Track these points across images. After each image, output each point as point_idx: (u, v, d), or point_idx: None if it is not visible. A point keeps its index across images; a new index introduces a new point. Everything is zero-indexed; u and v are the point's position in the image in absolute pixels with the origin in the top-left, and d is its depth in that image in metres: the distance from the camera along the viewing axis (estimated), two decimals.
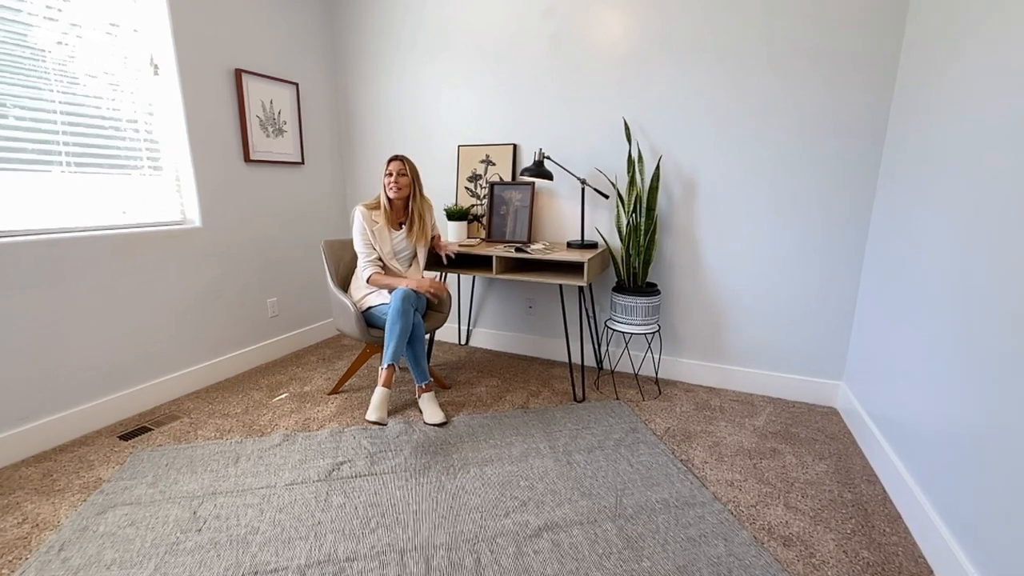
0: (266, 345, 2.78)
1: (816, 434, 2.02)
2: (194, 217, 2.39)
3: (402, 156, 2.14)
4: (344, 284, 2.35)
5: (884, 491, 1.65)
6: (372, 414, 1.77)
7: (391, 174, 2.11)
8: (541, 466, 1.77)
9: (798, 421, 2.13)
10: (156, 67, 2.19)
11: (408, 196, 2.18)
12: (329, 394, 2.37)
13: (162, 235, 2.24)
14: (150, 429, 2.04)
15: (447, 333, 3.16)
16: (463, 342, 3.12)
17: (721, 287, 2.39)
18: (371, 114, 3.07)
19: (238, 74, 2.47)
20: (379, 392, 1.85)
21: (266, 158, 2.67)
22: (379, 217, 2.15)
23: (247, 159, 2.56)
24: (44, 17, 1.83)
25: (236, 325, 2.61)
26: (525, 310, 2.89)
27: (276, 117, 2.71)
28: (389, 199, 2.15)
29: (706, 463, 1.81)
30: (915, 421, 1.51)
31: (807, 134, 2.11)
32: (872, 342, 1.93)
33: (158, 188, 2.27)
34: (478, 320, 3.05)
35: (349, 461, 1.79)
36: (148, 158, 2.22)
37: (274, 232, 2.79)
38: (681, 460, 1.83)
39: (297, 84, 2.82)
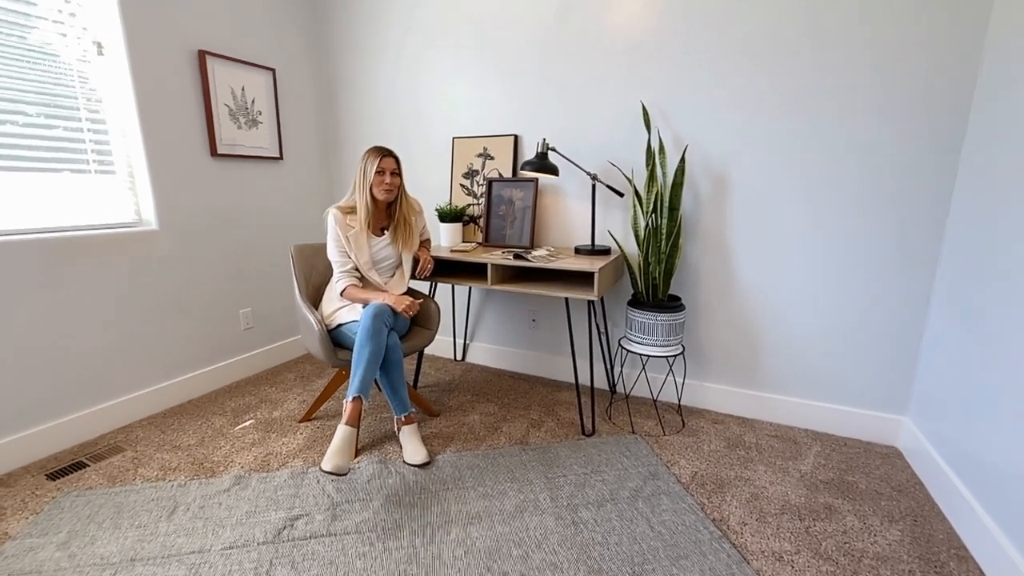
0: (237, 361, 2.49)
1: (879, 484, 1.65)
2: (150, 218, 2.10)
3: (391, 150, 1.82)
4: (317, 296, 2.04)
5: (981, 574, 1.28)
6: (328, 462, 1.44)
7: (382, 172, 1.79)
8: (540, 526, 1.44)
9: (854, 465, 1.76)
10: (99, 45, 1.90)
11: (396, 197, 1.87)
12: (300, 421, 2.07)
13: (110, 239, 1.95)
14: (85, 465, 1.76)
15: (441, 347, 2.84)
16: (458, 358, 2.80)
17: (756, 301, 2.03)
18: (359, 103, 2.76)
19: (201, 56, 2.17)
20: (341, 433, 1.52)
21: (237, 152, 2.38)
22: (355, 221, 1.82)
23: (214, 153, 2.27)
24: None
25: (202, 340, 2.32)
26: (528, 324, 2.56)
27: (249, 106, 2.42)
28: (373, 200, 1.83)
29: (745, 524, 1.46)
30: (1019, 474, 1.14)
31: (865, 122, 1.74)
32: (950, 369, 1.55)
33: (107, 185, 1.99)
34: (475, 334, 2.73)
35: (306, 515, 1.48)
36: (94, 151, 1.94)
37: (248, 235, 2.50)
38: (713, 520, 1.47)
39: (274, 70, 2.52)
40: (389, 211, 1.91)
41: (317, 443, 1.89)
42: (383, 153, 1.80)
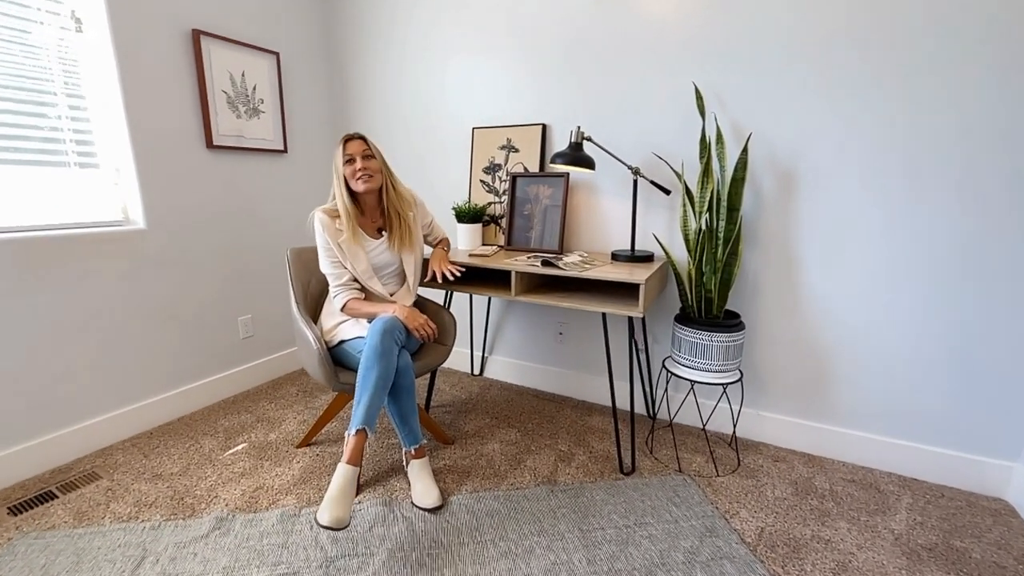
0: (234, 374, 2.27)
1: (999, 554, 1.32)
2: (138, 216, 1.89)
3: (356, 132, 1.56)
4: (316, 307, 1.80)
5: None
6: (325, 512, 1.18)
7: (351, 160, 1.53)
8: None
9: (959, 525, 1.43)
10: (78, 21, 1.69)
11: (380, 188, 1.60)
12: (298, 447, 1.83)
13: (92, 239, 1.74)
14: (54, 497, 1.55)
15: (457, 360, 2.58)
16: (476, 372, 2.53)
17: (829, 319, 1.71)
18: (370, 90, 2.52)
19: (196, 36, 1.95)
20: (341, 474, 1.27)
21: (236, 144, 2.16)
22: (344, 225, 1.56)
23: (210, 144, 2.05)
24: None
25: (195, 351, 2.11)
26: (554, 337, 2.28)
27: (250, 94, 2.20)
28: (352, 195, 1.58)
29: None
30: None
31: (978, 100, 1.41)
32: None
33: (89, 180, 1.78)
34: (495, 346, 2.46)
35: (294, 574, 1.23)
36: (74, 141, 1.74)
37: (248, 235, 2.28)
38: None
39: (278, 54, 2.29)
40: (382, 206, 1.65)
41: (314, 475, 1.65)
42: (347, 137, 1.54)
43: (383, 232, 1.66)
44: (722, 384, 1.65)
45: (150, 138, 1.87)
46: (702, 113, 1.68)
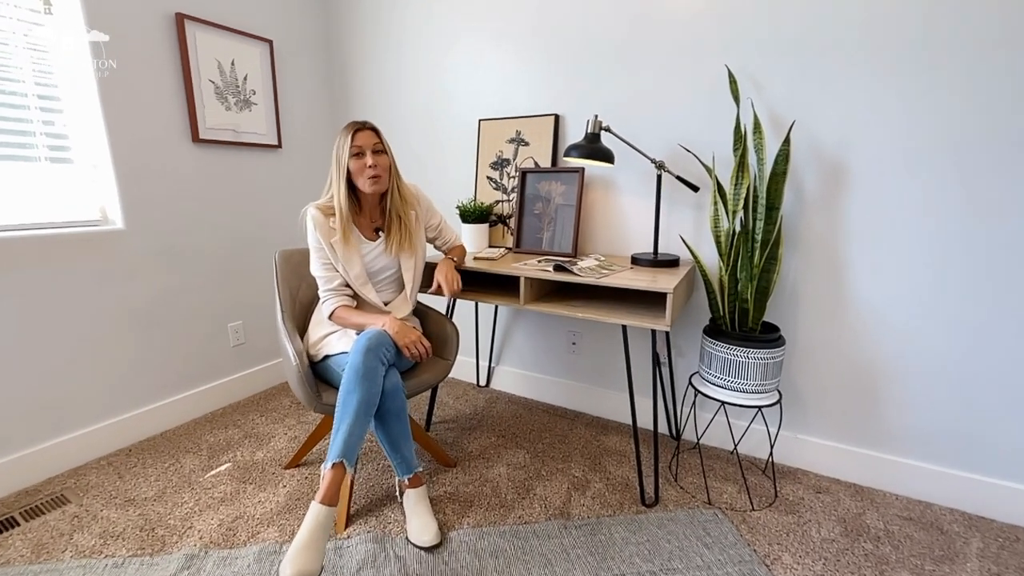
0: (223, 384, 2.12)
1: None
2: (116, 216, 1.75)
3: (366, 122, 1.39)
4: (306, 316, 1.63)
5: None
6: (289, 565, 1.00)
7: (360, 153, 1.36)
8: None
9: None
10: (48, 3, 1.55)
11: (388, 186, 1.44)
12: (286, 467, 1.67)
13: (65, 240, 1.60)
14: (16, 524, 1.40)
15: (462, 369, 2.41)
16: (482, 383, 2.36)
17: (880, 334, 1.51)
18: (370, 80, 2.35)
19: (180, 20, 1.81)
20: (312, 517, 1.09)
21: (224, 138, 2.01)
22: (338, 224, 1.39)
23: (196, 138, 1.90)
24: None
25: (181, 361, 1.96)
26: (566, 347, 2.09)
27: (240, 84, 2.04)
28: (352, 191, 1.41)
29: None
30: None
31: None
32: None
33: (62, 176, 1.64)
34: (503, 355, 2.28)
35: None
36: (45, 134, 1.59)
37: (239, 236, 2.13)
38: None
39: (271, 41, 2.14)
40: (383, 205, 1.48)
41: (300, 502, 1.49)
42: (357, 126, 1.35)
43: (380, 233, 1.50)
44: (758, 407, 1.45)
45: (129, 131, 1.72)
46: (736, 99, 1.49)
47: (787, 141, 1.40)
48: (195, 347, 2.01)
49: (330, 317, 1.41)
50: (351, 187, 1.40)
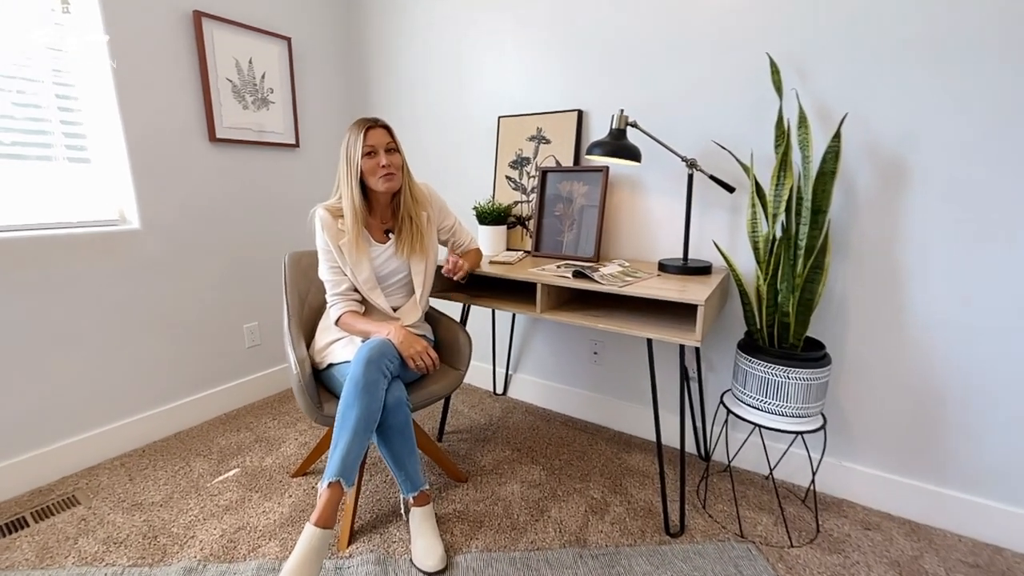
0: (237, 386, 2.10)
1: None
2: (133, 216, 1.74)
3: (378, 119, 1.31)
4: (315, 321, 1.58)
5: None
6: None
7: (373, 152, 1.29)
8: None
9: None
10: (66, 2, 1.54)
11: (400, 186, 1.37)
12: (293, 475, 1.62)
13: (81, 240, 1.60)
14: (25, 525, 1.40)
15: (478, 375, 2.32)
16: (498, 391, 2.27)
17: (942, 355, 1.33)
18: (388, 77, 2.30)
19: (197, 18, 1.78)
20: (306, 539, 1.03)
21: (242, 137, 1.99)
22: (348, 225, 1.33)
23: (212, 138, 1.88)
24: None
25: (195, 361, 1.95)
26: (588, 356, 1.98)
27: (258, 82, 2.02)
28: (364, 191, 1.34)
29: None
30: None
31: None
32: None
33: (79, 176, 1.64)
34: (521, 363, 2.19)
35: None
36: (64, 134, 1.59)
37: (255, 236, 2.10)
38: None
39: (289, 39, 2.11)
40: (394, 205, 1.41)
41: (303, 514, 1.43)
42: (368, 124, 1.28)
43: (390, 234, 1.42)
44: (799, 432, 1.31)
45: (146, 130, 1.71)
46: (779, 90, 1.34)
47: (837, 136, 1.25)
48: (210, 348, 2.00)
49: (337, 323, 1.34)
50: (362, 187, 1.34)
